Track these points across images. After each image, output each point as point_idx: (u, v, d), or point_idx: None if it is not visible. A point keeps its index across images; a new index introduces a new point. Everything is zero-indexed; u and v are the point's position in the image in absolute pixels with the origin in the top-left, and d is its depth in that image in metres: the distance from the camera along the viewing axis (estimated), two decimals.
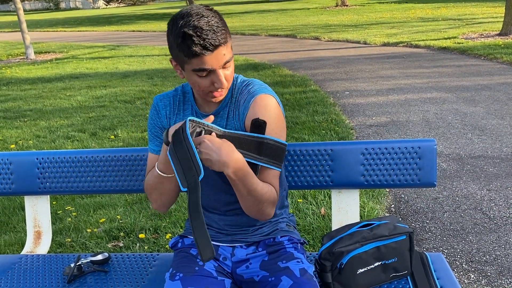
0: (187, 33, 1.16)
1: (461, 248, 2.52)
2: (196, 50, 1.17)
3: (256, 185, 1.25)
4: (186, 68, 1.24)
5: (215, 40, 1.17)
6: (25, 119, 5.96)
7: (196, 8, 1.21)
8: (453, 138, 4.21)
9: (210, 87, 1.26)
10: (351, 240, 1.39)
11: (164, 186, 1.34)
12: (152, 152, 1.43)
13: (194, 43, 1.17)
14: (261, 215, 1.32)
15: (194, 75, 1.24)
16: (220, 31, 1.19)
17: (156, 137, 1.42)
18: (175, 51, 1.23)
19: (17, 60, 11.85)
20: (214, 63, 1.20)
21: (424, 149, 1.69)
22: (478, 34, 10.31)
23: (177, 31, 1.19)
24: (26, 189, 1.89)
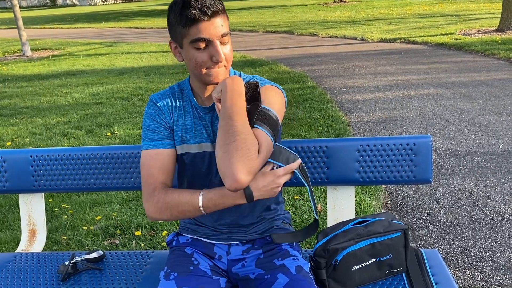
0: (185, 1, 1.19)
1: (457, 244, 2.52)
2: (194, 13, 1.18)
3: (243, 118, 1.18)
4: (184, 44, 1.24)
5: (213, 5, 1.19)
6: (21, 116, 5.94)
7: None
8: (450, 134, 4.21)
9: (207, 62, 1.24)
10: (345, 237, 1.39)
11: (191, 215, 1.27)
12: (153, 148, 1.33)
13: (192, 7, 1.18)
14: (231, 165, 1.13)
15: (192, 50, 1.23)
16: (218, 0, 1.22)
17: (156, 132, 1.35)
18: (174, 27, 1.24)
19: (14, 57, 11.80)
20: (211, 32, 1.20)
21: (420, 146, 1.69)
22: (475, 30, 10.31)
23: (176, 3, 1.22)
24: (20, 187, 1.88)
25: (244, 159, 1.13)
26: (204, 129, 1.36)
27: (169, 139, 1.36)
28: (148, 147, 1.35)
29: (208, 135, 1.36)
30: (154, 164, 1.32)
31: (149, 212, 1.30)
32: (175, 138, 1.38)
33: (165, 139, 1.35)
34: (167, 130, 1.36)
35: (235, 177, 1.12)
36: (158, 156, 1.33)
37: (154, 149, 1.34)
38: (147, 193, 1.31)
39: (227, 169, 1.13)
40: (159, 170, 1.31)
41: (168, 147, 1.35)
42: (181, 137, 1.37)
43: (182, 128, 1.37)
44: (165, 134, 1.36)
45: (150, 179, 1.31)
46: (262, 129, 1.21)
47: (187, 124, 1.37)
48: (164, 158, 1.33)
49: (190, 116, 1.37)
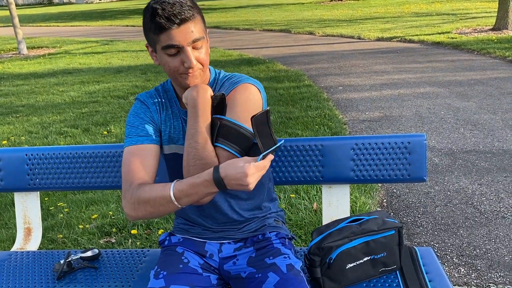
0: (153, 7, 1.19)
1: (452, 242, 2.54)
2: (162, 22, 1.18)
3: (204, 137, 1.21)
4: (158, 49, 1.25)
5: (180, 13, 1.18)
6: (17, 114, 5.92)
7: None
8: (446, 133, 4.23)
9: (180, 68, 1.24)
10: (340, 235, 1.40)
11: (165, 210, 1.21)
12: (135, 143, 1.30)
13: (158, 15, 1.18)
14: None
15: (164, 55, 1.24)
16: (187, 6, 1.20)
17: (140, 129, 1.32)
18: (147, 32, 1.25)
19: (10, 55, 11.75)
20: (181, 39, 1.20)
21: (414, 144, 1.69)
22: (471, 29, 10.33)
23: (146, 9, 1.22)
24: (15, 186, 1.87)
25: None
26: None
27: (153, 136, 1.33)
28: (131, 143, 1.31)
29: None
30: (135, 160, 1.27)
31: (125, 210, 1.25)
32: (163, 138, 1.38)
33: (148, 135, 1.32)
34: (151, 127, 1.34)
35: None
36: (140, 151, 1.29)
37: (137, 144, 1.30)
38: (124, 190, 1.27)
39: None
40: (138, 166, 1.27)
41: (152, 142, 1.32)
42: (168, 137, 1.38)
43: (170, 128, 1.38)
44: (148, 130, 1.33)
45: (128, 176, 1.26)
46: (223, 146, 1.23)
47: (175, 125, 1.38)
48: (145, 153, 1.29)
49: (176, 117, 1.38)
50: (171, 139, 1.38)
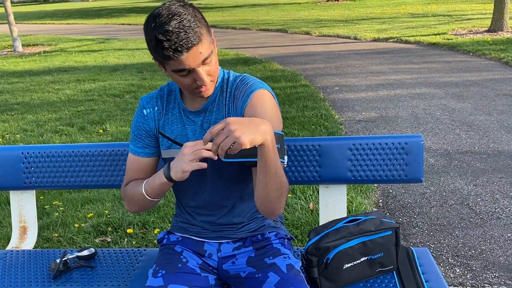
0: (158, 38, 1.15)
1: (447, 242, 2.55)
2: (169, 54, 1.16)
3: (279, 162, 1.16)
4: (167, 68, 1.24)
5: (187, 42, 1.15)
6: (12, 112, 5.89)
7: (167, 7, 1.18)
8: (441, 134, 4.25)
9: (193, 85, 1.25)
10: (337, 235, 1.40)
11: (146, 204, 1.36)
12: (134, 154, 1.42)
13: (165, 48, 1.15)
14: (277, 206, 1.21)
15: (175, 75, 1.24)
16: (192, 31, 1.15)
17: (139, 139, 1.41)
18: (153, 54, 1.22)
19: (4, 53, 11.68)
20: (191, 63, 1.19)
21: (411, 145, 1.70)
22: (467, 30, 10.38)
23: (149, 35, 1.18)
24: (11, 184, 1.86)
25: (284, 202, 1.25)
26: (192, 133, 1.36)
27: (149, 148, 1.41)
28: (131, 151, 1.44)
29: (196, 139, 1.35)
30: (131, 167, 1.43)
31: (125, 206, 1.44)
32: (161, 143, 1.40)
33: (145, 148, 1.41)
34: (148, 139, 1.40)
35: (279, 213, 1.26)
36: (136, 162, 1.42)
37: (135, 155, 1.42)
38: (121, 189, 1.47)
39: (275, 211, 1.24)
40: (133, 174, 1.43)
41: (147, 155, 1.41)
42: (167, 141, 1.38)
43: (169, 133, 1.38)
44: (145, 142, 1.41)
45: (126, 179, 1.45)
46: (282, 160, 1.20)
47: (173, 129, 1.38)
48: (140, 164, 1.42)
49: (177, 121, 1.38)
50: (169, 143, 1.38)
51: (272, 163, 1.13)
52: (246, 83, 1.34)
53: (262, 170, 1.14)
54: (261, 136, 1.08)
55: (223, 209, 1.41)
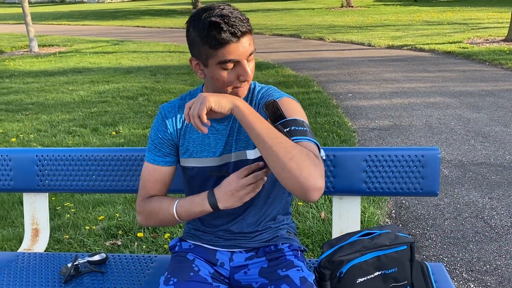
0: (214, 21, 1.16)
1: (461, 256, 2.50)
2: (224, 37, 1.16)
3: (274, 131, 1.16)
4: (210, 63, 1.22)
5: (243, 27, 1.18)
6: (26, 112, 5.95)
7: (216, 4, 1.22)
8: (456, 144, 4.19)
9: (234, 81, 1.24)
10: (351, 249, 1.38)
11: (171, 224, 1.34)
12: (152, 163, 1.39)
13: (222, 30, 1.16)
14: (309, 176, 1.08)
15: (219, 69, 1.22)
16: (245, 19, 1.20)
17: (158, 148, 1.38)
18: (198, 46, 1.21)
19: (21, 53, 11.84)
20: (240, 53, 1.19)
21: (428, 158, 1.67)
22: (483, 39, 10.27)
23: (201, 24, 1.19)
24: (25, 186, 1.87)
25: (313, 167, 1.10)
26: (215, 142, 1.35)
27: (169, 156, 1.39)
28: (149, 160, 1.40)
29: (224, 147, 1.34)
30: (150, 178, 1.39)
31: (138, 220, 1.41)
32: (181, 152, 1.39)
33: (165, 156, 1.38)
34: (169, 148, 1.38)
35: (317, 186, 1.09)
36: (155, 172, 1.38)
37: (154, 164, 1.39)
38: (137, 203, 1.42)
39: (304, 184, 1.08)
40: (153, 185, 1.39)
41: (167, 165, 1.39)
42: (187, 150, 1.37)
43: (188, 142, 1.37)
44: (166, 151, 1.38)
45: (143, 191, 1.40)
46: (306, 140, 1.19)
47: (194, 138, 1.37)
48: (160, 174, 1.39)
49: (196, 130, 1.37)
50: (190, 152, 1.37)
51: (257, 127, 1.14)
52: (273, 93, 1.35)
53: (252, 137, 1.16)
54: (226, 99, 1.17)
55: (236, 216, 1.39)
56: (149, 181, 1.39)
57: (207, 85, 1.33)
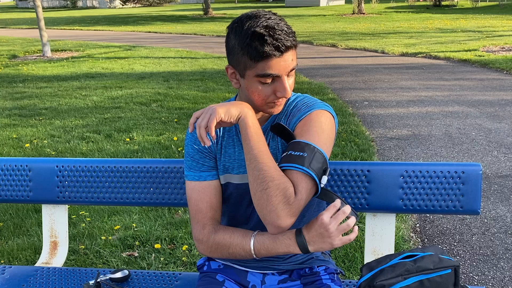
0: (258, 32, 1.09)
1: (493, 275, 2.40)
2: (267, 50, 1.09)
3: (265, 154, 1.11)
4: (248, 75, 1.15)
5: (288, 41, 1.10)
6: (40, 117, 5.93)
7: (261, 11, 1.15)
8: (478, 155, 4.08)
9: (271, 97, 1.17)
10: (393, 272, 1.29)
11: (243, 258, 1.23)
12: (198, 180, 1.28)
13: (266, 43, 1.09)
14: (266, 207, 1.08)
15: (256, 82, 1.15)
16: (292, 33, 1.12)
17: (201, 163, 1.29)
18: (237, 55, 1.14)
19: (34, 57, 11.90)
20: (281, 68, 1.12)
21: (469, 174, 1.58)
22: (499, 47, 10.13)
23: (244, 32, 1.11)
24: (44, 198, 1.81)
25: (281, 206, 1.08)
26: None
27: (214, 169, 1.29)
28: (194, 178, 1.28)
29: None
30: (202, 198, 1.27)
31: (200, 250, 1.28)
32: (218, 167, 1.30)
33: (211, 170, 1.29)
34: (212, 160, 1.29)
35: (276, 224, 1.10)
36: (205, 189, 1.27)
37: (200, 181, 1.28)
38: (197, 230, 1.27)
39: (266, 217, 1.10)
40: (207, 205, 1.26)
41: (214, 178, 1.29)
42: (223, 166, 1.29)
43: (224, 157, 1.29)
44: (210, 164, 1.29)
45: (199, 215, 1.27)
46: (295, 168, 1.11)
47: (230, 153, 1.29)
48: (211, 191, 1.28)
49: (233, 144, 1.29)
50: (226, 168, 1.30)
51: (251, 143, 1.11)
52: (307, 103, 1.26)
53: (244, 150, 1.14)
54: (236, 108, 1.12)
55: None
56: (202, 202, 1.26)
57: (240, 96, 1.26)
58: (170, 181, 1.71)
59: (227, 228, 1.24)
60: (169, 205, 1.75)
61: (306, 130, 1.17)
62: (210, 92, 7.00)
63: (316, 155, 1.11)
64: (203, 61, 10.47)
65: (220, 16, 25.51)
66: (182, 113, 5.87)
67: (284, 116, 1.27)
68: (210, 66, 9.70)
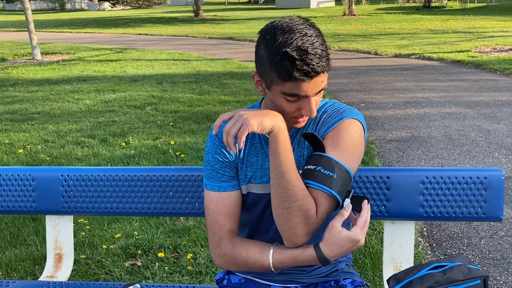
0: (290, 55, 1.02)
1: (505, 279, 2.36)
2: (296, 75, 1.03)
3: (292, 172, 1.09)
4: (274, 89, 1.09)
5: (319, 67, 1.03)
6: (32, 122, 5.81)
7: (297, 22, 1.07)
8: (479, 157, 4.06)
9: (295, 113, 1.11)
10: (422, 284, 1.23)
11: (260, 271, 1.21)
12: (219, 190, 1.22)
13: (296, 68, 1.02)
14: (289, 230, 1.10)
15: (281, 98, 1.10)
16: (325, 55, 1.05)
17: (222, 173, 1.23)
18: (265, 68, 1.08)
19: (24, 61, 11.71)
20: (309, 90, 1.06)
21: (491, 180, 1.54)
22: (491, 48, 10.20)
23: (275, 48, 1.04)
24: (49, 208, 1.73)
25: (300, 226, 1.09)
26: None
27: (235, 179, 1.23)
28: (214, 189, 1.23)
29: None
30: (220, 210, 1.21)
31: (216, 263, 1.24)
32: (240, 177, 1.24)
33: (231, 180, 1.23)
34: (233, 170, 1.23)
35: (293, 241, 1.12)
36: (225, 201, 1.22)
37: (220, 191, 1.22)
38: (214, 243, 1.23)
39: (284, 232, 1.12)
40: (225, 217, 1.21)
41: (235, 188, 1.23)
42: (245, 175, 1.23)
43: (247, 166, 1.23)
44: (230, 174, 1.23)
45: (216, 227, 1.22)
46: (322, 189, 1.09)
47: (252, 162, 1.23)
48: (230, 202, 1.22)
49: (255, 152, 1.23)
50: (248, 177, 1.24)
51: (280, 159, 1.08)
52: (338, 109, 1.21)
53: (270, 164, 1.11)
54: (270, 120, 1.07)
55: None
56: (220, 214, 1.21)
57: (266, 102, 1.20)
58: (181, 190, 1.65)
59: (244, 242, 1.20)
60: (179, 215, 1.68)
61: (337, 144, 1.13)
62: (205, 95, 6.93)
63: (344, 177, 1.10)
64: (196, 63, 10.39)
65: (211, 17, 25.43)
66: (178, 116, 5.79)
67: (313, 122, 1.21)
68: (204, 68, 9.63)
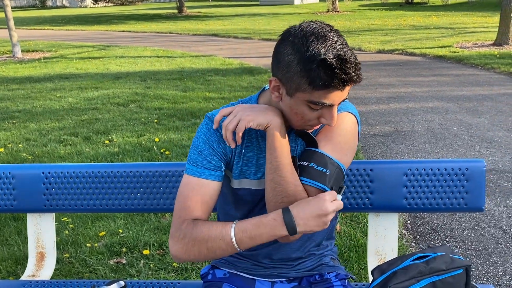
0: (329, 63, 0.98)
1: (486, 269, 2.40)
2: (333, 84, 1.00)
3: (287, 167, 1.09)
4: (298, 96, 1.05)
5: (356, 76, 1.01)
6: (13, 120, 5.70)
7: (326, 28, 1.03)
8: (461, 150, 4.12)
9: (313, 121, 1.09)
10: (406, 275, 1.24)
11: (223, 254, 1.10)
12: (199, 176, 1.15)
13: (335, 76, 0.99)
14: None
15: (304, 106, 1.06)
16: (359, 64, 1.03)
17: (208, 160, 1.16)
18: (293, 74, 1.02)
19: (3, 59, 11.49)
20: (336, 99, 1.04)
21: (473, 171, 1.56)
22: (472, 44, 10.34)
23: (310, 54, 0.99)
24: (30, 206, 1.70)
25: None
26: None
27: (219, 170, 1.17)
28: (195, 174, 1.16)
29: None
30: (193, 196, 1.14)
31: (173, 250, 1.12)
32: (234, 172, 1.21)
33: (216, 170, 1.17)
34: (221, 161, 1.18)
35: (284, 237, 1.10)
36: (201, 188, 1.15)
37: (200, 178, 1.15)
38: (174, 227, 1.14)
39: None
40: (196, 204, 1.14)
41: (216, 179, 1.17)
42: (240, 170, 1.21)
43: (242, 160, 1.21)
44: (217, 164, 1.17)
45: (182, 212, 1.14)
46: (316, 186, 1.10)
47: (248, 157, 1.20)
48: (207, 191, 1.15)
49: (252, 147, 1.20)
50: (243, 172, 1.21)
51: (275, 154, 1.09)
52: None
53: (266, 159, 1.12)
54: (267, 116, 1.09)
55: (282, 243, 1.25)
56: (191, 199, 1.13)
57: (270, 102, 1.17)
58: (165, 185, 1.63)
59: (207, 221, 1.12)
60: (164, 211, 1.67)
61: (330, 138, 1.13)
62: (189, 92, 6.89)
63: (337, 173, 1.11)
64: (180, 60, 10.32)
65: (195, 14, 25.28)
66: (162, 113, 5.75)
67: None
68: (188, 65, 9.57)
